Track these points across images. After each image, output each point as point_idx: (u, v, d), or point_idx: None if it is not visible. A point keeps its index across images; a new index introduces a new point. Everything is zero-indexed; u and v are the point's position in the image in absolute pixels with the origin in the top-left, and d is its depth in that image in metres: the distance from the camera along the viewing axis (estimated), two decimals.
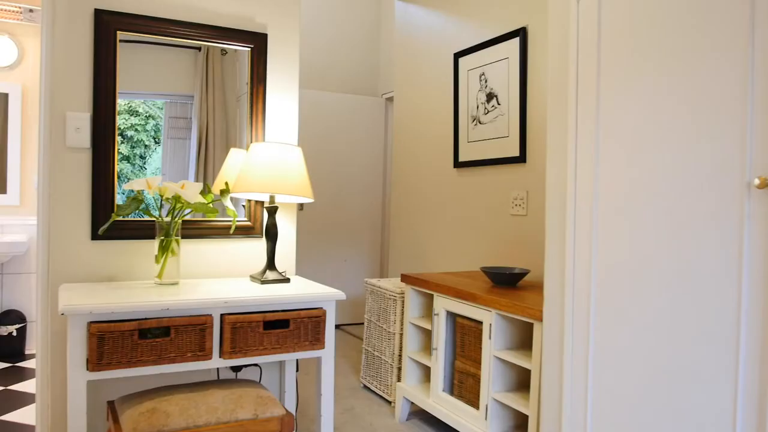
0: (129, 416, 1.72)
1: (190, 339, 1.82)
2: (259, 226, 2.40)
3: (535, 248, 2.85)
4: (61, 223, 2.11)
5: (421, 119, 3.83)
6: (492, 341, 2.29)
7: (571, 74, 1.85)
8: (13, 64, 3.84)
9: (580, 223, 1.80)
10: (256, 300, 1.91)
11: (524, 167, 2.92)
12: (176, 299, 1.82)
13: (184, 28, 2.25)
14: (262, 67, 2.39)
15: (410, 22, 3.99)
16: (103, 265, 2.17)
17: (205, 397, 1.81)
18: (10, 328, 3.75)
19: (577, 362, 1.81)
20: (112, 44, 2.14)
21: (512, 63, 2.96)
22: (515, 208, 2.96)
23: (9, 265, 3.85)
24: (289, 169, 2.14)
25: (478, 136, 3.22)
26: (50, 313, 2.10)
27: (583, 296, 1.79)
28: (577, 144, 1.82)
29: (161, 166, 2.29)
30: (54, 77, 2.09)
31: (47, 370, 2.10)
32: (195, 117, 2.34)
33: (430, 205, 3.71)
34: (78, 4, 2.10)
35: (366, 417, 2.94)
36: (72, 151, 2.12)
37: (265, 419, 1.82)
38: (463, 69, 3.34)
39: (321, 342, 2.01)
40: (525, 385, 2.37)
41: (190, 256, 2.30)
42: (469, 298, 2.40)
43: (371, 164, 5.13)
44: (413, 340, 2.87)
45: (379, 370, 3.22)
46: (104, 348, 1.71)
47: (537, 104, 2.85)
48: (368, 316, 3.35)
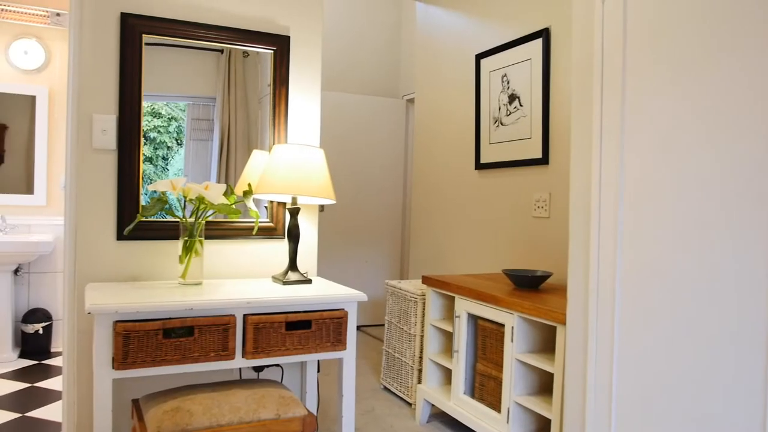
0: (153, 415, 1.74)
1: (213, 339, 1.83)
2: (281, 227, 2.41)
3: (557, 251, 2.82)
4: (88, 224, 2.14)
5: (442, 121, 3.82)
6: (514, 344, 2.28)
7: (595, 75, 1.83)
8: (40, 67, 3.91)
9: (605, 225, 1.78)
10: (279, 301, 1.92)
11: (547, 169, 2.90)
12: (200, 299, 1.83)
13: (208, 30, 2.27)
14: (284, 69, 2.40)
15: (431, 23, 3.98)
16: (128, 264, 2.20)
17: (227, 397, 1.83)
18: (36, 326, 3.82)
19: (601, 366, 1.78)
20: (137, 47, 2.17)
21: (535, 64, 2.94)
22: (537, 210, 2.93)
23: (35, 264, 3.92)
24: (311, 170, 2.15)
25: (500, 137, 3.20)
26: (76, 312, 2.13)
27: (608, 299, 1.76)
28: (602, 145, 1.80)
29: (183, 167, 2.31)
30: (81, 80, 2.12)
31: (73, 368, 2.14)
32: (217, 118, 2.36)
33: (450, 207, 3.70)
34: (105, 8, 2.14)
35: (386, 419, 2.93)
36: (98, 152, 2.15)
37: (287, 419, 1.82)
38: (484, 70, 3.33)
39: (342, 343, 2.01)
40: (547, 388, 2.35)
41: (212, 257, 2.32)
42: (491, 300, 2.38)
43: (391, 166, 5.13)
44: (434, 342, 2.86)
45: (399, 372, 3.21)
46: (129, 347, 1.73)
47: (560, 105, 2.82)
48: (389, 317, 3.34)
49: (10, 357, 3.67)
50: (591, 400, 1.81)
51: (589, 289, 1.82)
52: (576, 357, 1.88)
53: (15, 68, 3.86)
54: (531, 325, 2.30)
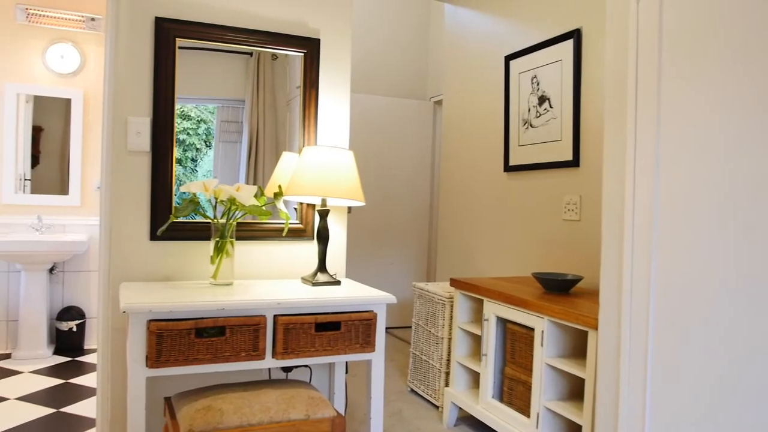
0: (185, 413, 1.76)
1: (244, 339, 1.85)
2: (310, 228, 2.43)
3: (588, 254, 2.78)
4: (122, 224, 2.18)
5: (471, 122, 3.80)
6: (544, 348, 2.25)
7: (630, 76, 1.80)
8: (75, 70, 4.00)
9: (639, 228, 1.75)
10: (309, 302, 1.93)
11: (577, 171, 2.86)
12: (231, 299, 1.85)
13: (240, 34, 2.30)
14: (314, 71, 2.42)
15: (460, 25, 3.97)
16: (161, 264, 2.23)
17: (258, 397, 1.84)
18: (70, 323, 3.90)
19: (634, 373, 1.75)
20: (171, 51, 2.21)
21: (566, 65, 2.91)
22: (568, 213, 2.90)
23: (70, 263, 4.01)
24: (340, 172, 2.16)
25: (529, 139, 3.17)
26: (111, 311, 2.17)
27: (642, 304, 1.73)
28: (636, 147, 1.77)
29: (212, 168, 2.34)
30: (117, 83, 2.17)
31: (107, 366, 2.18)
32: (246, 121, 2.38)
33: (479, 209, 3.68)
34: (139, 13, 2.18)
35: (413, 421, 2.93)
36: (133, 154, 2.19)
37: (317, 420, 1.83)
38: (514, 72, 3.30)
39: (371, 345, 2.01)
40: (577, 394, 2.32)
41: (242, 257, 2.35)
42: (521, 304, 2.36)
43: (419, 168, 5.12)
44: (462, 345, 2.84)
45: (426, 375, 3.20)
46: (163, 346, 1.75)
47: (592, 107, 2.79)
48: (416, 319, 3.34)
49: (45, 353, 3.76)
50: (624, 406, 1.78)
51: (622, 294, 1.80)
52: (608, 363, 1.85)
53: (51, 72, 3.95)
54: (561, 330, 2.27)
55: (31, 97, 3.93)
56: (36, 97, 3.94)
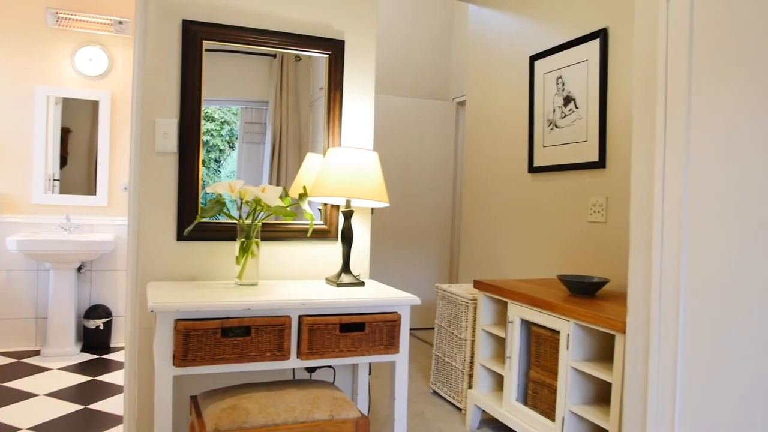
0: (211, 412, 1.78)
1: (269, 339, 1.86)
2: (334, 229, 2.44)
3: (614, 256, 2.75)
4: (150, 224, 2.21)
5: (494, 123, 3.78)
6: (570, 352, 2.23)
7: (659, 77, 1.77)
8: (103, 73, 4.07)
9: (668, 230, 1.72)
10: (333, 302, 1.93)
11: (603, 173, 2.83)
12: (256, 300, 1.86)
13: (266, 36, 2.31)
14: (339, 73, 2.42)
15: (484, 25, 3.95)
16: (187, 264, 2.26)
17: (282, 397, 1.85)
18: (97, 321, 3.97)
19: (663, 378, 1.72)
20: (198, 53, 2.23)
21: (592, 65, 2.87)
22: (593, 215, 2.86)
23: (97, 262, 4.07)
24: (365, 173, 2.16)
25: (554, 140, 3.14)
26: (138, 309, 2.20)
27: (671, 307, 1.70)
28: (665, 149, 1.74)
29: (236, 169, 2.36)
30: (145, 85, 2.20)
31: (135, 364, 2.21)
32: (269, 122, 2.40)
33: (502, 211, 3.65)
34: (167, 16, 2.21)
35: (436, 423, 2.92)
36: (160, 155, 2.22)
37: (341, 421, 1.83)
38: (539, 72, 3.28)
39: (396, 346, 2.01)
40: (603, 398, 2.29)
41: (267, 258, 2.36)
42: (546, 306, 2.34)
43: (441, 169, 5.11)
44: (485, 347, 2.83)
45: (449, 377, 3.19)
46: (189, 345, 1.77)
47: (618, 108, 2.75)
48: (439, 321, 3.33)
49: (73, 351, 3.83)
50: (652, 411, 1.75)
51: (651, 297, 1.77)
52: (636, 367, 1.82)
53: (80, 74, 4.03)
54: (587, 333, 2.24)
55: (60, 99, 4.01)
56: (65, 99, 4.02)
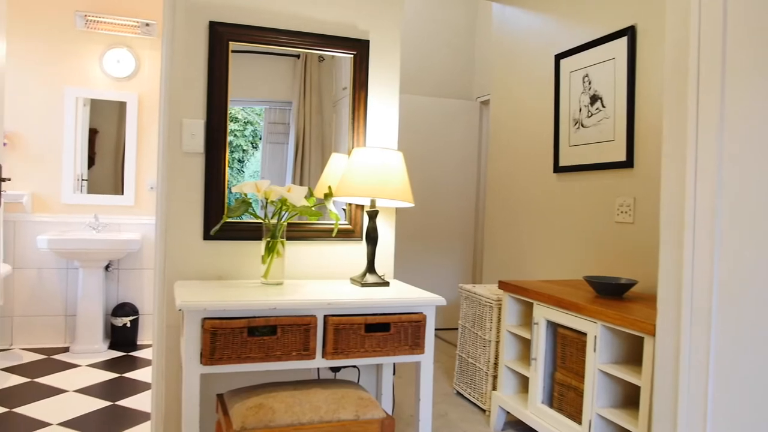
0: (238, 410, 1.79)
1: (295, 338, 1.87)
2: (358, 229, 2.44)
3: (642, 258, 2.70)
4: (177, 224, 2.23)
5: (519, 123, 3.75)
6: (597, 354, 2.20)
7: (691, 75, 1.74)
8: (130, 74, 4.13)
9: (700, 230, 1.68)
10: (359, 302, 1.93)
11: (631, 172, 2.78)
12: (282, 299, 1.87)
13: (291, 37, 2.32)
14: (363, 73, 2.42)
15: (508, 24, 3.92)
16: (213, 263, 2.28)
17: (308, 396, 1.86)
18: (124, 319, 4.03)
19: (694, 381, 1.69)
20: (225, 54, 2.25)
21: (619, 63, 2.83)
22: (621, 215, 2.82)
23: (124, 261, 4.14)
24: (390, 173, 2.16)
25: (580, 140, 3.11)
26: (166, 308, 2.23)
27: (703, 309, 1.67)
28: (697, 148, 1.70)
29: (259, 169, 2.38)
30: (172, 87, 2.22)
31: (162, 362, 2.24)
32: (293, 122, 2.41)
33: (527, 211, 3.62)
34: (194, 18, 2.23)
35: (460, 424, 2.90)
36: (187, 155, 2.24)
37: (366, 421, 1.83)
38: (564, 71, 3.24)
39: (421, 347, 2.00)
40: (631, 401, 2.25)
41: (291, 257, 2.37)
42: (572, 308, 2.31)
43: (464, 168, 5.08)
44: (510, 348, 2.80)
45: (473, 378, 3.17)
46: (216, 343, 1.79)
47: (647, 106, 2.71)
48: (462, 321, 3.31)
49: (101, 348, 3.89)
50: (683, 416, 1.72)
51: (682, 299, 1.73)
52: (666, 370, 1.79)
53: (108, 76, 4.09)
54: (615, 335, 2.21)
55: (88, 100, 4.08)
56: (92, 101, 4.09)
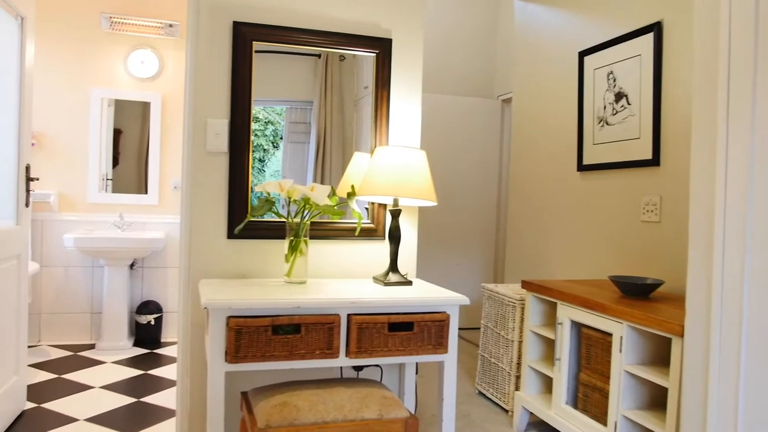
0: (262, 408, 1.80)
1: (318, 337, 1.87)
2: (381, 228, 2.43)
3: (669, 257, 2.66)
4: (201, 222, 2.25)
5: (542, 121, 3.72)
6: (623, 355, 2.17)
7: (721, 71, 1.70)
8: (154, 75, 4.18)
9: (731, 229, 1.65)
10: (382, 301, 1.93)
11: (657, 171, 2.74)
12: (306, 298, 1.88)
13: (314, 36, 2.33)
14: (386, 71, 2.42)
15: (531, 21, 3.88)
16: (237, 262, 2.29)
17: (332, 395, 1.86)
18: (148, 317, 4.08)
19: (724, 384, 1.66)
20: (248, 54, 2.26)
21: (645, 60, 2.79)
22: (647, 214, 2.78)
23: (148, 259, 4.19)
24: (413, 172, 2.15)
25: (604, 138, 3.07)
26: (191, 306, 2.25)
27: (734, 310, 1.64)
28: (728, 146, 1.67)
29: (280, 169, 2.38)
30: (196, 87, 2.24)
31: (187, 359, 2.26)
32: (314, 121, 2.41)
33: (550, 210, 3.59)
34: (218, 18, 2.24)
35: (482, 425, 2.89)
36: (211, 155, 2.26)
37: (390, 420, 1.83)
38: (588, 68, 3.20)
39: (444, 346, 2.00)
40: (658, 403, 2.22)
41: (314, 256, 2.38)
42: (598, 308, 2.28)
43: (486, 167, 5.05)
44: (533, 348, 2.78)
45: (495, 378, 3.15)
46: (241, 342, 1.80)
47: (674, 104, 2.66)
48: (485, 321, 3.29)
49: (126, 345, 3.94)
50: (713, 419, 1.69)
51: (712, 300, 1.70)
52: (695, 372, 1.76)
53: (132, 77, 4.14)
54: (642, 336, 2.18)
55: (112, 101, 4.14)
56: (116, 101, 4.14)
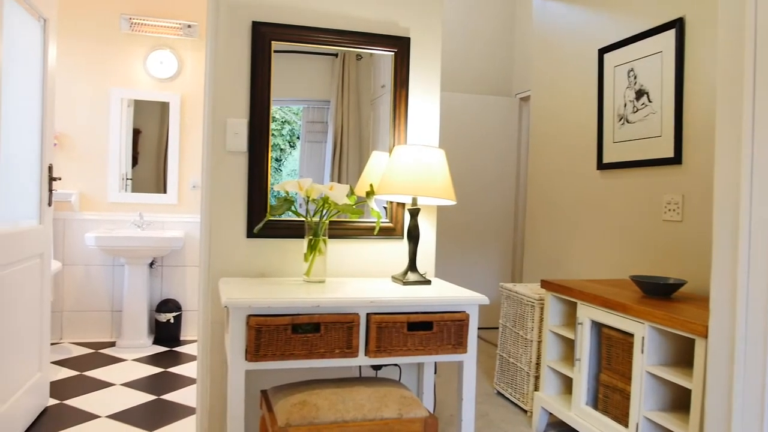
0: (282, 407, 1.80)
1: (338, 336, 1.87)
2: (399, 227, 2.43)
3: (691, 257, 2.62)
4: (221, 222, 2.27)
5: (561, 119, 3.69)
6: (645, 355, 2.14)
7: (746, 68, 1.67)
8: (173, 75, 4.21)
9: (757, 228, 1.62)
10: (401, 301, 1.93)
11: (679, 169, 2.70)
12: (325, 297, 1.88)
13: (333, 35, 2.33)
14: (404, 70, 2.41)
15: (549, 19, 3.85)
16: (257, 261, 2.30)
17: (351, 394, 1.86)
18: (168, 315, 4.12)
19: (750, 386, 1.63)
20: (267, 54, 2.27)
21: (666, 57, 2.75)
22: (668, 213, 2.74)
23: (167, 258, 4.23)
24: (432, 171, 2.15)
25: (625, 136, 3.03)
26: (211, 304, 2.26)
27: (760, 311, 1.61)
28: (754, 144, 1.64)
29: (297, 168, 2.39)
30: (216, 87, 2.25)
31: (207, 357, 2.27)
32: (331, 121, 2.42)
33: (569, 209, 3.56)
34: (237, 18, 2.25)
35: (501, 425, 2.87)
36: (231, 154, 2.27)
37: (409, 420, 1.83)
38: (608, 65, 3.17)
39: (464, 346, 1.99)
40: (681, 405, 2.19)
41: (332, 255, 2.38)
42: (619, 308, 2.26)
43: (503, 165, 5.02)
44: (553, 348, 2.76)
45: (514, 378, 3.13)
46: (261, 340, 1.81)
47: (696, 101, 2.62)
48: (503, 321, 3.27)
49: (146, 343, 3.98)
50: (738, 421, 1.66)
51: (737, 300, 1.67)
52: (719, 373, 1.73)
53: (151, 77, 4.18)
54: (664, 336, 2.15)
55: (132, 101, 4.18)
56: (135, 101, 4.18)
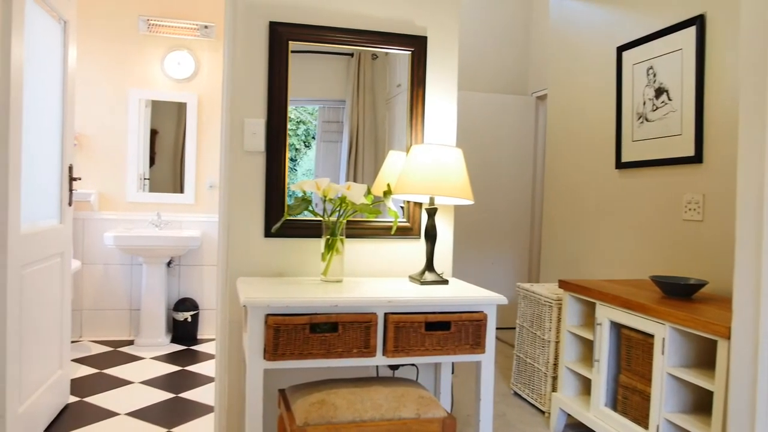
0: (300, 406, 1.81)
1: (356, 336, 1.87)
2: (417, 226, 2.42)
3: (712, 257, 2.59)
4: (239, 221, 2.28)
5: (578, 118, 3.66)
6: (665, 357, 2.12)
7: None
8: (190, 76, 4.24)
9: None
10: (419, 301, 1.92)
11: (700, 168, 2.67)
12: (343, 296, 1.88)
13: (350, 35, 2.33)
14: (421, 69, 2.41)
15: (566, 17, 3.82)
16: (274, 260, 2.31)
17: (369, 393, 1.86)
18: (185, 314, 4.15)
19: None
20: (284, 54, 2.28)
21: (687, 54, 2.72)
22: (689, 213, 2.71)
23: (185, 257, 4.26)
24: (449, 170, 2.14)
25: (644, 134, 3.00)
26: (229, 303, 2.28)
27: None
28: None
29: (313, 168, 2.39)
30: (234, 87, 2.26)
31: (225, 356, 2.28)
32: (346, 120, 2.42)
33: (587, 208, 3.53)
34: (254, 19, 2.26)
35: (518, 426, 2.85)
36: (249, 154, 2.28)
37: (427, 420, 1.82)
38: (627, 63, 3.14)
39: (481, 346, 1.98)
40: (702, 407, 2.16)
41: (350, 255, 2.38)
42: (638, 308, 2.23)
43: (520, 165, 5.00)
44: (571, 349, 2.74)
45: (531, 378, 3.11)
46: (279, 340, 1.81)
47: (717, 99, 2.59)
48: (520, 321, 3.25)
49: (164, 342, 4.02)
50: (762, 423, 1.63)
51: (760, 301, 1.65)
52: (743, 375, 1.70)
53: (169, 78, 4.21)
54: (685, 337, 2.13)
55: (149, 101, 4.21)
56: (153, 102, 4.22)
